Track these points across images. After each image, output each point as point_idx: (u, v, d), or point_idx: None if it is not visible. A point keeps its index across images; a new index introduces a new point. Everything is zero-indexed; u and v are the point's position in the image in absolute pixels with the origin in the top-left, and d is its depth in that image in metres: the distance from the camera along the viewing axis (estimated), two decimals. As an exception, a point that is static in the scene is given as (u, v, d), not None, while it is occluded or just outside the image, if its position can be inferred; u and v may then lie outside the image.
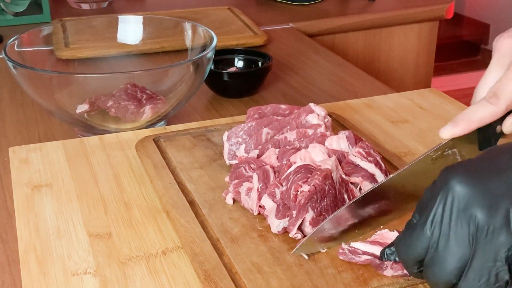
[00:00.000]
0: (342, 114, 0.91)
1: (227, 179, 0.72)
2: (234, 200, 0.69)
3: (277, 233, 0.63)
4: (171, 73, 0.92)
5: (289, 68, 1.26)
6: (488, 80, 0.60)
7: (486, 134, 0.59)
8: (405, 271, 0.56)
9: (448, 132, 0.59)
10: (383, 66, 1.69)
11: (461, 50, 3.72)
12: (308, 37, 1.48)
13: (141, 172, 0.77)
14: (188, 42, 1.05)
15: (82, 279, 0.59)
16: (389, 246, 0.55)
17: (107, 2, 1.68)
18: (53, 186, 0.74)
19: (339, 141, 0.72)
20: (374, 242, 0.59)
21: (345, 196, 0.66)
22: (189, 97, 0.96)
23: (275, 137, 0.75)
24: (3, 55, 0.89)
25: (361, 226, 0.63)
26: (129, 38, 1.11)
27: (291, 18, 1.58)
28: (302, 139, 0.74)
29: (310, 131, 0.74)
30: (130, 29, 1.11)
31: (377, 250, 0.58)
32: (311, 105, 0.78)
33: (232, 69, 1.15)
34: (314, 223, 0.62)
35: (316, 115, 0.77)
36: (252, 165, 0.70)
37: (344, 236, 0.62)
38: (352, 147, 0.72)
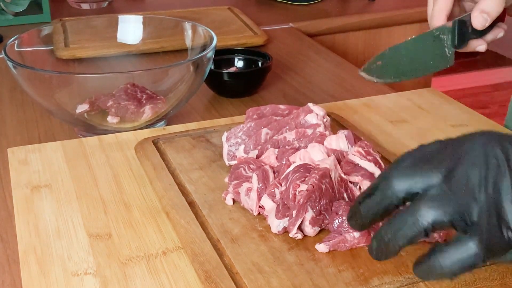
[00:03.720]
0: (341, 114, 0.91)
1: (226, 179, 0.72)
2: (234, 201, 0.69)
3: (277, 233, 0.63)
4: (171, 73, 0.92)
5: (289, 68, 1.26)
6: None
7: (463, 31, 0.71)
8: None
9: (484, 21, 0.69)
10: (383, 66, 1.68)
11: (461, 50, 3.71)
12: (308, 37, 1.48)
13: (140, 172, 0.77)
14: (188, 42, 1.05)
15: (83, 279, 0.59)
16: None
17: (107, 2, 1.68)
18: (53, 187, 0.74)
19: (338, 141, 0.72)
20: None
21: (345, 195, 0.66)
22: (189, 97, 0.96)
23: (274, 137, 0.75)
24: (3, 55, 0.89)
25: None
26: (129, 38, 1.11)
27: (291, 18, 1.58)
28: (301, 139, 0.74)
29: (309, 131, 0.74)
30: (130, 29, 1.11)
31: None
32: (310, 105, 0.78)
33: (232, 69, 1.15)
34: (314, 222, 0.62)
35: (315, 115, 0.77)
36: (251, 166, 0.70)
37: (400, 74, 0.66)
38: (351, 147, 0.72)
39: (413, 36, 0.72)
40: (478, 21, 0.69)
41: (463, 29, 0.70)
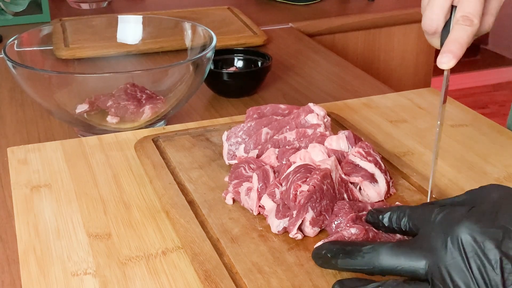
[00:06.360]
0: (341, 114, 0.91)
1: (226, 179, 0.72)
2: (234, 200, 0.69)
3: (277, 233, 0.63)
4: (170, 73, 0.92)
5: (289, 68, 1.26)
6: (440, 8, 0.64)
7: None
8: None
9: (450, 62, 0.62)
10: (383, 66, 1.69)
11: (460, 50, 3.72)
12: (308, 37, 1.48)
13: (140, 172, 0.77)
14: (188, 42, 1.05)
15: (82, 279, 0.59)
16: None
17: (106, 2, 1.68)
18: (52, 187, 0.74)
19: (339, 141, 0.72)
20: None
21: (345, 196, 0.66)
22: (188, 97, 0.96)
23: (275, 137, 0.75)
24: (2, 55, 0.89)
25: None
26: (129, 38, 1.11)
27: (291, 18, 1.58)
28: (302, 139, 0.74)
29: (309, 131, 0.74)
30: (130, 29, 1.11)
31: None
32: (310, 104, 0.78)
33: (231, 69, 1.15)
34: (314, 223, 0.62)
35: (315, 115, 0.76)
36: (251, 165, 0.70)
37: None
38: (352, 147, 0.72)
39: None
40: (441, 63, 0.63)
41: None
